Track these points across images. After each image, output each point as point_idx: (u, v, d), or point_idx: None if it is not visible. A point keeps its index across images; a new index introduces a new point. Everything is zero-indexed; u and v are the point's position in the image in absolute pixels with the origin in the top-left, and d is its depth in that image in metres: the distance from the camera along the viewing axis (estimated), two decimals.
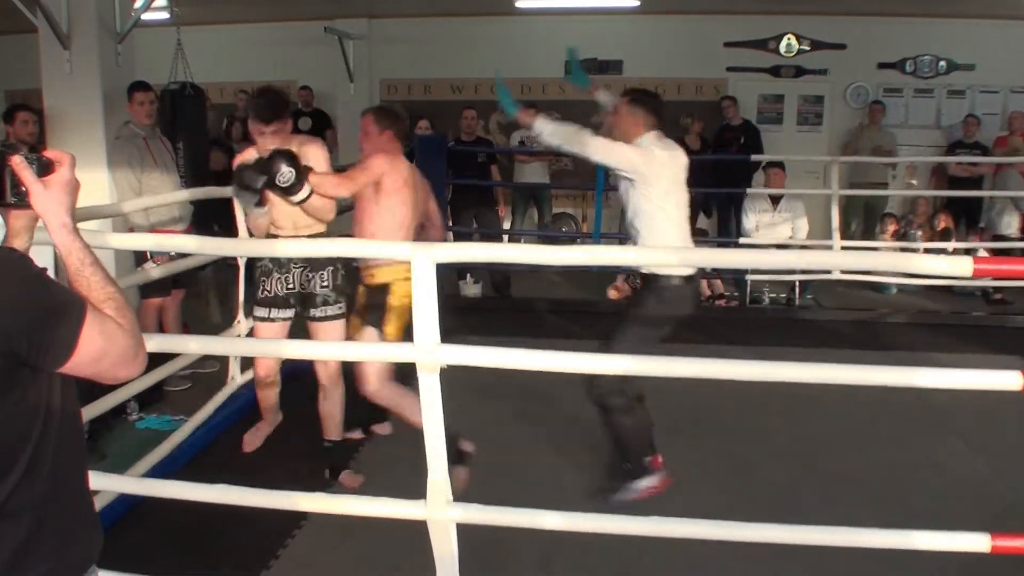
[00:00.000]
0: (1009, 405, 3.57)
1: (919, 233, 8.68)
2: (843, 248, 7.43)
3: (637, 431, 3.87)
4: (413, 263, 2.35)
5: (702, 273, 7.66)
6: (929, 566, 3.07)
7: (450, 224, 7.99)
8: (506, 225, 9.02)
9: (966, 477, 4.06)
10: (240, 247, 4.02)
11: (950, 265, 2.38)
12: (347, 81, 10.69)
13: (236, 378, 4.76)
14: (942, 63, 10.21)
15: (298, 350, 3.27)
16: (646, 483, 3.87)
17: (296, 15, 10.38)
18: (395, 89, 10.95)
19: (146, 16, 5.98)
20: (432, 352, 2.36)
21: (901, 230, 8.76)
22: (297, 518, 3.46)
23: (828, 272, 7.00)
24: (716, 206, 9.40)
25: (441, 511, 2.47)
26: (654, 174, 3.65)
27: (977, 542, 2.29)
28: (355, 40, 10.58)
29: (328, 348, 3.66)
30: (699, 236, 7.55)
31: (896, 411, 4.78)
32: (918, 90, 10.30)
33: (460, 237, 7.80)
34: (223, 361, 5.18)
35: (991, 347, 6.16)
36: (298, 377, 5.22)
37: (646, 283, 3.75)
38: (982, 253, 7.74)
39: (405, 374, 4.61)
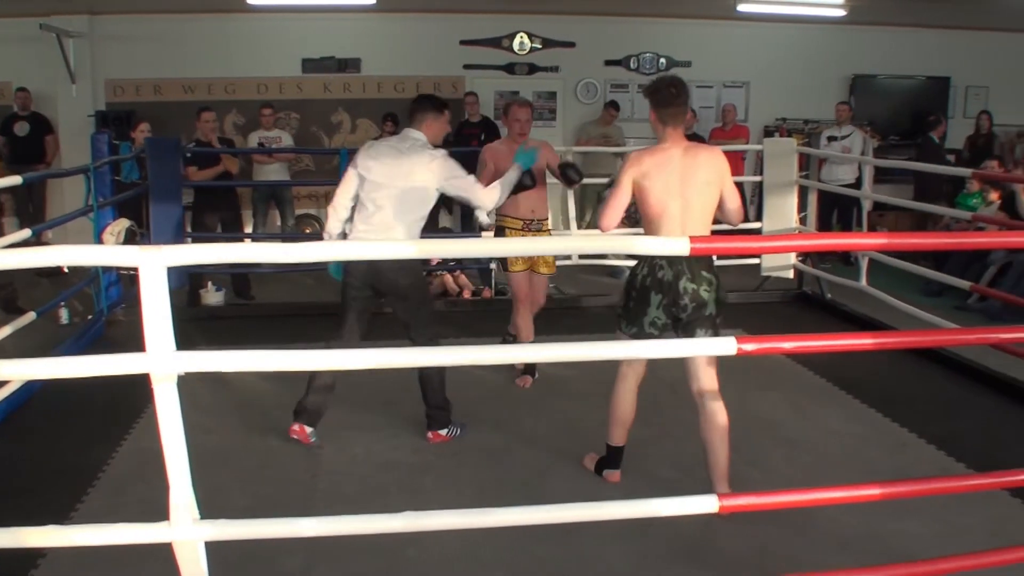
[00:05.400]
0: (730, 375, 3.87)
1: None
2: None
3: None
4: (140, 268, 2.19)
5: (447, 269, 7.78)
6: (667, 531, 3.30)
7: (190, 230, 7.66)
8: (248, 229, 8.76)
9: (701, 446, 4.34)
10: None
11: (669, 245, 2.52)
12: (68, 82, 9.96)
13: None
14: (662, 60, 10.97)
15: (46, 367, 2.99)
16: None
17: (7, 11, 9.50)
18: (122, 90, 10.30)
19: None
20: (167, 361, 2.22)
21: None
22: (34, 555, 3.18)
23: (568, 257, 7.30)
24: (457, 202, 9.52)
25: (186, 531, 2.32)
26: None
27: (707, 504, 2.46)
28: (75, 38, 9.87)
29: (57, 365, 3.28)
30: (442, 232, 7.65)
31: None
32: (642, 86, 10.94)
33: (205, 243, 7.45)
34: None
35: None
36: (29, 405, 4.82)
37: None
38: None
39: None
